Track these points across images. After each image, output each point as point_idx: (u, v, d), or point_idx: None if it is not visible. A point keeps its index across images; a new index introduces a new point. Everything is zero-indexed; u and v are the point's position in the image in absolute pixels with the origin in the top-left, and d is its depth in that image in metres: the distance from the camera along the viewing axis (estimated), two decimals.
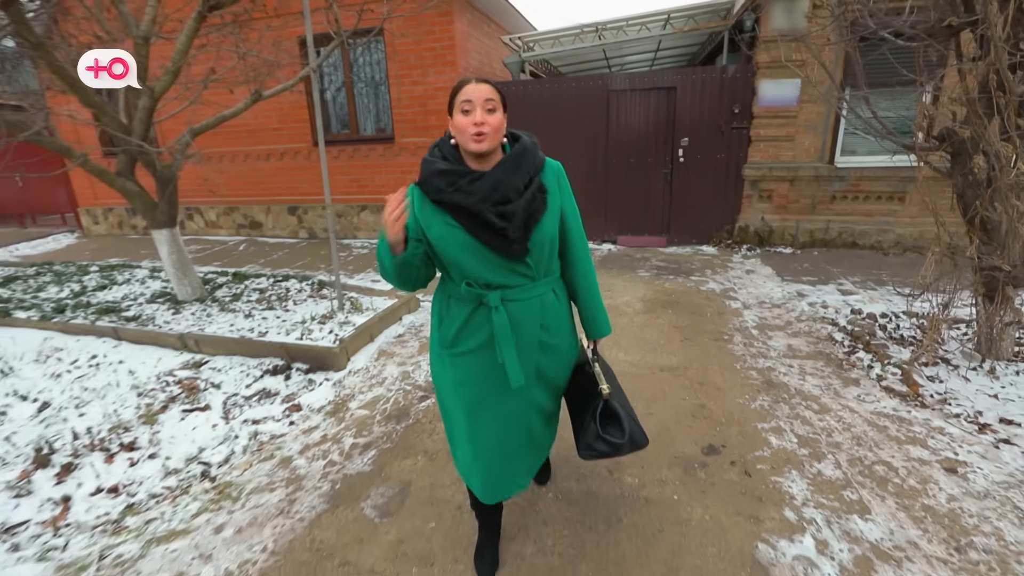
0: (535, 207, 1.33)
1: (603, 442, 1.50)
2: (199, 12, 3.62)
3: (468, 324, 1.43)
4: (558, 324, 1.49)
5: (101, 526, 2.13)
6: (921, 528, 1.86)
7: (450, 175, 1.30)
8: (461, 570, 1.74)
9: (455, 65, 6.14)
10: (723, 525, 1.90)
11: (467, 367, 1.46)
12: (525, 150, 1.35)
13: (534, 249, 1.34)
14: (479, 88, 1.28)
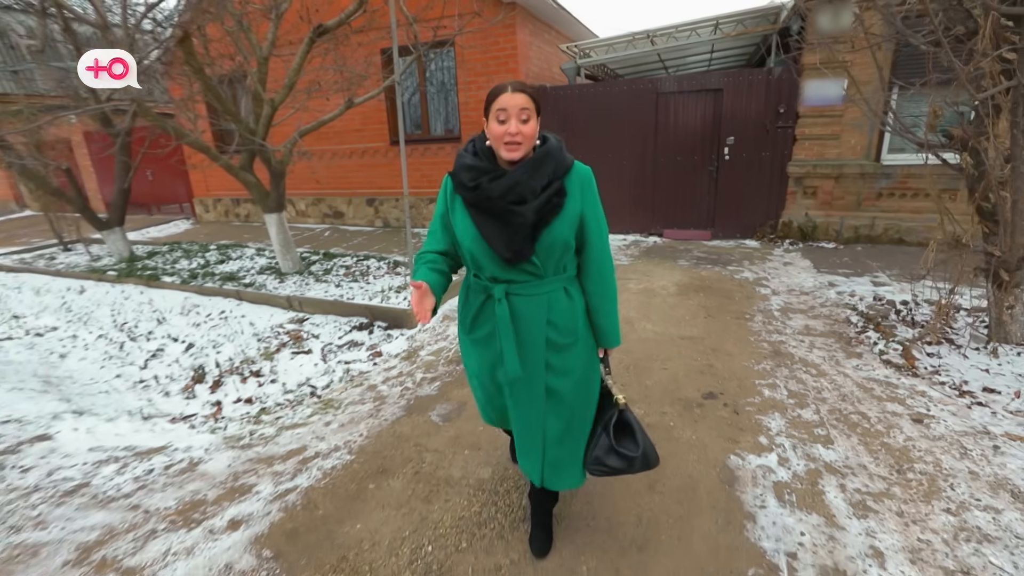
0: (547, 210, 1.35)
1: (616, 456, 1.49)
2: (310, 38, 4.49)
3: (481, 313, 1.50)
4: (569, 323, 1.48)
5: (245, 419, 2.96)
6: (873, 456, 2.28)
7: (474, 170, 1.38)
8: (499, 455, 2.37)
9: (517, 71, 6.79)
10: (705, 443, 2.41)
11: (481, 353, 1.55)
12: (547, 154, 1.38)
13: (542, 250, 1.38)
14: (515, 98, 1.31)
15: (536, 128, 1.35)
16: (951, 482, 2.08)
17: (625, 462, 1.48)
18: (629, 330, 3.83)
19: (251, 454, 2.50)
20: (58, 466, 2.42)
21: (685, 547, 1.81)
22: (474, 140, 1.46)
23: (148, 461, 2.46)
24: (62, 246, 8.14)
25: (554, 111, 6.94)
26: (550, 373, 1.49)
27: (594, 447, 1.52)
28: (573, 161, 1.43)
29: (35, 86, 11.64)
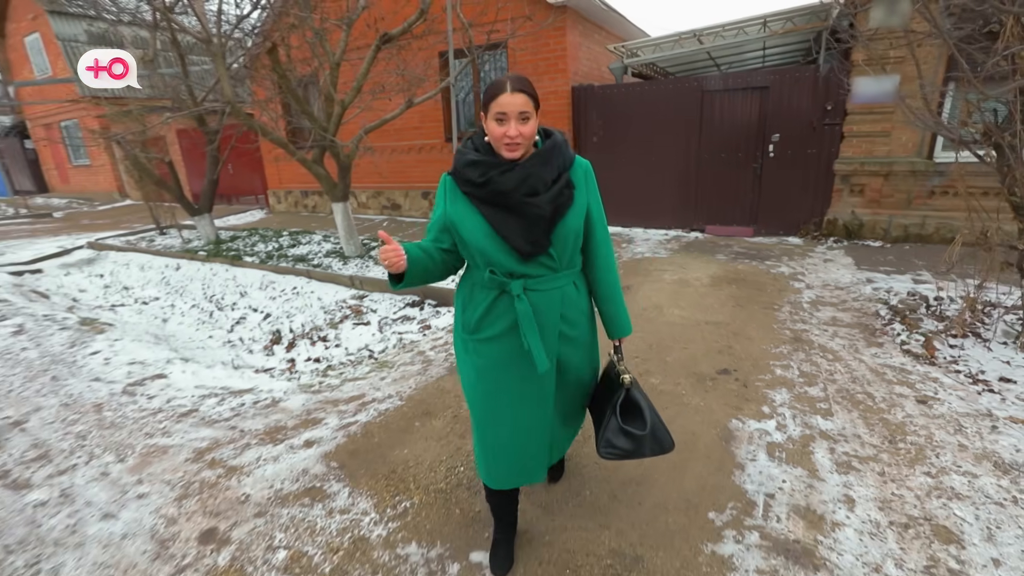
0: (561, 201, 1.36)
1: (624, 436, 1.49)
2: (376, 45, 5.02)
3: (491, 311, 1.44)
4: (577, 316, 1.50)
5: (314, 373, 3.49)
6: (869, 428, 2.47)
7: (481, 165, 1.35)
8: None
9: (566, 72, 7.11)
10: (712, 408, 2.68)
11: (489, 353, 1.47)
12: (556, 146, 1.39)
13: (557, 242, 1.38)
14: (514, 99, 1.29)
15: (535, 127, 1.34)
16: (938, 452, 2.26)
17: (634, 442, 1.48)
18: (657, 314, 4.09)
19: (320, 397, 3.01)
20: (173, 396, 3.02)
21: (677, 484, 2.11)
22: (472, 138, 1.44)
23: (240, 397, 3.02)
24: (159, 230, 9.24)
25: (600, 110, 7.20)
26: (562, 366, 1.52)
27: (605, 429, 1.52)
28: (575, 155, 1.46)
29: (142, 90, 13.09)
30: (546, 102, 7.36)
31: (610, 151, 7.35)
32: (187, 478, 2.25)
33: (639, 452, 1.50)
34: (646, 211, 7.38)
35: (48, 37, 14.92)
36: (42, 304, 5.28)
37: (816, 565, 1.69)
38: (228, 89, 4.98)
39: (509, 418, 1.50)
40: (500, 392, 1.49)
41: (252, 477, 2.23)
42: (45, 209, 14.46)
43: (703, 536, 1.83)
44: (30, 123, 18.52)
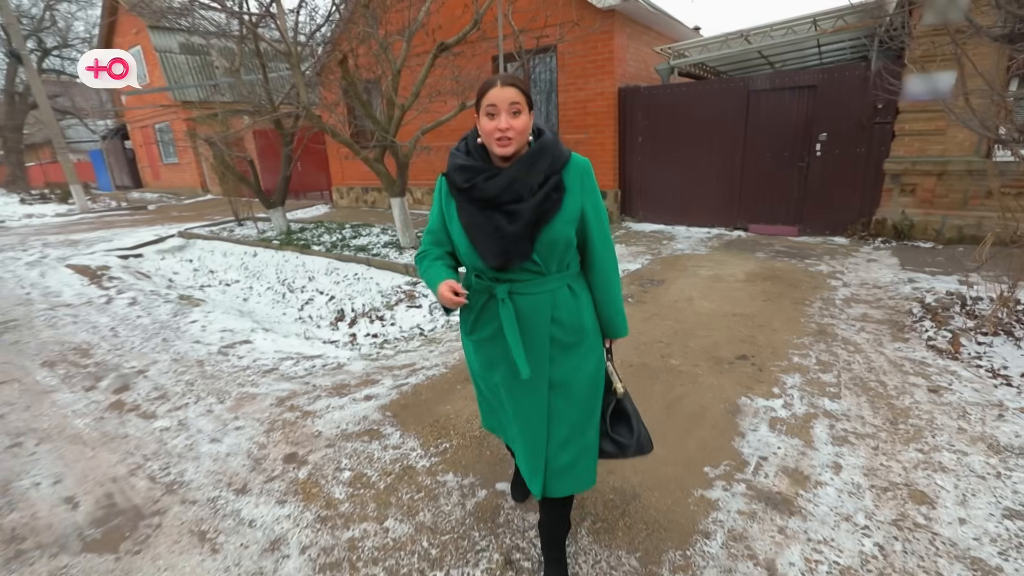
0: (546, 207, 1.33)
1: (610, 442, 1.53)
2: (433, 54, 5.50)
3: (483, 313, 1.45)
4: (575, 321, 1.44)
5: (373, 345, 3.98)
6: (874, 410, 2.64)
7: (468, 171, 1.35)
8: None
9: (612, 74, 7.35)
10: (724, 387, 2.92)
11: (485, 354, 1.50)
12: (542, 149, 1.34)
13: (542, 249, 1.35)
14: (504, 92, 1.28)
15: (528, 122, 1.32)
16: (935, 434, 2.41)
17: (618, 448, 1.54)
18: (687, 306, 4.32)
19: (377, 364, 3.48)
20: (258, 357, 3.59)
21: (680, 445, 2.40)
22: (466, 138, 1.44)
23: (311, 361, 3.55)
24: (237, 221, 10.24)
25: (646, 110, 7.39)
26: (556, 372, 1.44)
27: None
28: (570, 153, 1.41)
29: (226, 95, 14.42)
30: (592, 103, 7.64)
31: (654, 151, 7.52)
32: (272, 417, 2.77)
33: (621, 455, 1.57)
34: (689, 210, 7.49)
35: (148, 49, 16.65)
36: (147, 282, 6.14)
37: (792, 511, 1.94)
38: (304, 95, 5.61)
39: (508, 414, 1.53)
40: (494, 392, 1.55)
41: (323, 419, 2.72)
42: (141, 202, 16.16)
43: (696, 484, 2.12)
44: (129, 126, 20.67)
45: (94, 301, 5.28)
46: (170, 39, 16.23)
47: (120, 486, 2.27)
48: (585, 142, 7.96)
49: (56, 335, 4.30)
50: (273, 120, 7.71)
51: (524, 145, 1.36)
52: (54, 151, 26.98)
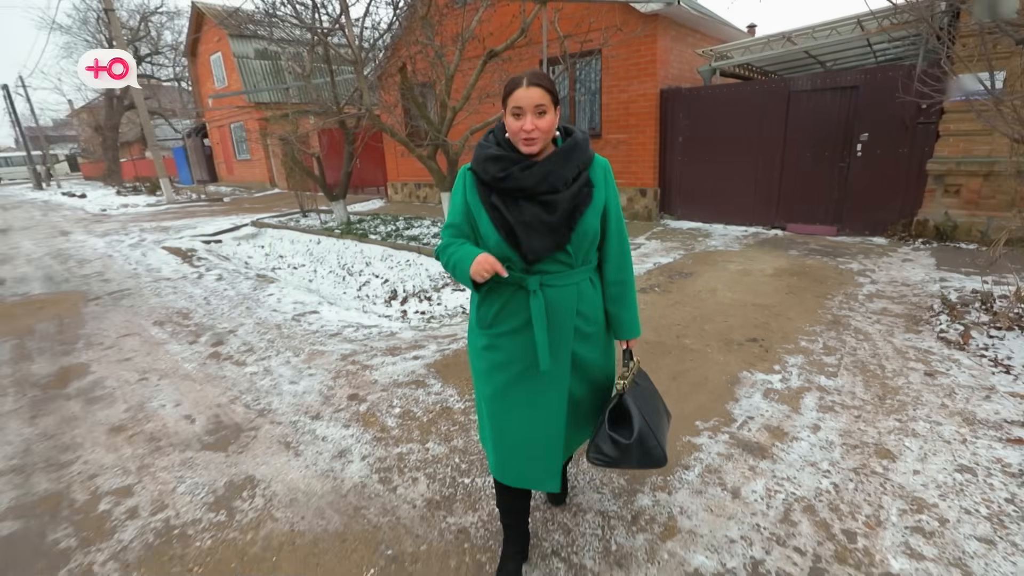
0: (580, 199, 1.38)
1: (610, 442, 1.46)
2: (483, 60, 6.00)
3: (507, 306, 1.45)
4: (594, 312, 1.50)
5: (421, 319, 4.52)
6: (865, 386, 2.90)
7: (503, 161, 1.36)
8: None
9: (655, 76, 7.61)
10: (729, 363, 3.24)
11: (505, 347, 1.48)
12: (576, 144, 1.39)
13: (576, 238, 1.39)
14: (530, 93, 1.30)
15: (554, 121, 1.35)
16: (918, 407, 2.65)
17: (618, 450, 1.45)
18: (710, 296, 4.60)
19: (424, 334, 4.02)
20: (324, 324, 4.22)
21: (679, 406, 2.75)
22: (494, 131, 1.46)
23: (368, 329, 4.13)
24: (302, 213, 11.19)
25: (687, 111, 7.60)
26: (577, 362, 1.49)
27: (596, 433, 1.51)
28: (594, 153, 1.47)
29: (295, 97, 15.60)
30: (635, 104, 7.93)
31: (695, 150, 7.73)
32: (337, 368, 3.35)
33: (625, 461, 1.47)
34: (727, 208, 7.65)
35: (227, 55, 18.20)
36: (228, 263, 7.01)
37: (764, 456, 2.29)
38: (367, 97, 6.26)
39: (524, 413, 1.49)
40: (514, 387, 1.48)
41: (378, 371, 3.26)
42: (217, 195, 17.71)
43: (686, 432, 2.49)
44: (209, 125, 22.57)
45: (188, 276, 6.15)
46: (247, 46, 17.68)
47: (224, 410, 2.90)
48: (627, 141, 8.26)
49: (161, 302, 5.12)
50: (338, 120, 8.48)
51: (549, 144, 1.40)
52: (142, 148, 29.63)
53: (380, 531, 1.94)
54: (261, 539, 1.93)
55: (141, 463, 2.44)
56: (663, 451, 1.47)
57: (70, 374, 3.50)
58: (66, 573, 1.82)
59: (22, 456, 2.56)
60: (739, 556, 1.75)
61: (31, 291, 5.87)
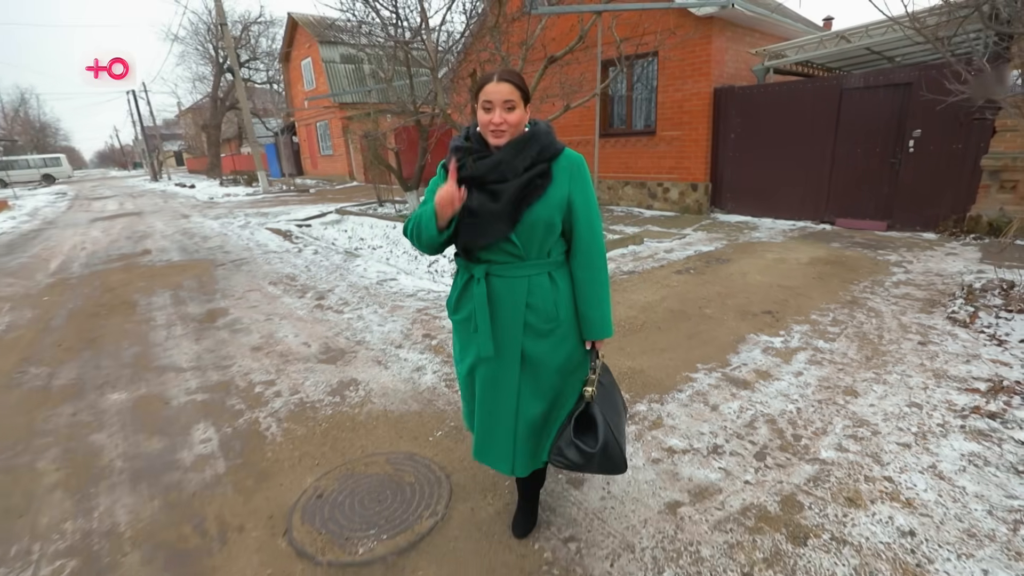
0: (530, 190, 1.39)
1: (574, 448, 1.48)
2: (545, 64, 6.70)
3: (464, 293, 1.53)
4: (550, 309, 1.48)
5: None
6: (858, 351, 3.33)
7: (461, 151, 1.44)
8: None
9: (708, 76, 7.97)
10: (740, 327, 3.76)
11: (464, 332, 1.56)
12: (532, 136, 1.42)
13: (522, 231, 1.41)
14: (499, 88, 1.36)
15: (522, 117, 1.40)
16: (898, 365, 3.08)
17: (583, 457, 1.47)
18: (740, 278, 5.05)
19: None
20: (402, 287, 5.12)
21: (687, 355, 3.34)
22: (468, 127, 1.51)
23: (437, 293, 4.97)
24: (379, 203, 12.41)
25: (739, 109, 7.91)
26: (527, 357, 1.49)
27: (560, 436, 1.53)
28: (563, 148, 1.46)
29: (375, 98, 17.01)
30: (688, 102, 8.33)
31: (746, 146, 8.01)
32: (414, 317, 4.21)
33: (587, 467, 1.49)
34: (776, 203, 7.88)
35: (316, 60, 20.05)
36: (320, 242, 8.19)
37: (746, 387, 2.85)
38: (442, 99, 7.14)
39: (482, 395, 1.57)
40: (476, 369, 1.56)
41: (446, 321, 4.08)
42: (303, 187, 19.60)
43: (685, 370, 3.08)
44: (298, 124, 24.81)
45: (290, 250, 7.35)
46: (334, 51, 19.40)
47: (330, 340, 3.83)
48: (680, 138, 8.66)
49: (271, 268, 6.27)
50: (414, 119, 9.49)
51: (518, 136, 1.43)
52: (238, 144, 32.74)
53: (445, 413, 2.73)
54: (364, 413, 2.78)
55: (278, 368, 3.39)
56: (624, 459, 1.52)
57: (216, 314, 4.61)
58: (243, 421, 2.75)
59: (197, 361, 3.60)
60: (704, 441, 2.37)
61: (172, 258, 7.28)
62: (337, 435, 2.58)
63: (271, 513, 2.05)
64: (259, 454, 2.46)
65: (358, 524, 1.93)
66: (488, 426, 1.58)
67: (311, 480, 2.23)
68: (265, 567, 1.79)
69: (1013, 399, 2.59)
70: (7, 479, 2.39)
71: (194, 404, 2.99)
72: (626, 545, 1.79)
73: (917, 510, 1.88)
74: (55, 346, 4.07)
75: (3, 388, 3.36)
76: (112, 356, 3.79)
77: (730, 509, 1.94)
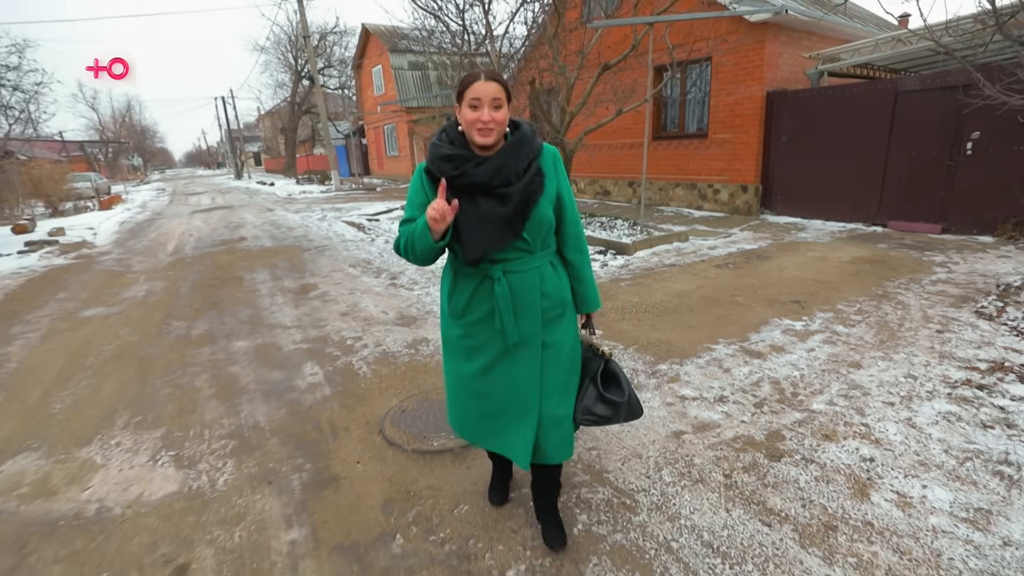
0: (533, 189, 1.47)
1: (603, 404, 1.63)
2: (599, 72, 7.20)
3: (475, 296, 1.57)
4: (558, 294, 1.60)
5: None
6: (874, 336, 3.63)
7: (456, 159, 1.44)
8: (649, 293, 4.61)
9: (761, 80, 8.16)
10: (765, 313, 4.12)
11: (478, 334, 1.60)
12: (524, 137, 1.49)
13: (531, 227, 1.49)
14: (487, 87, 1.39)
15: (507, 116, 1.45)
16: (908, 347, 3.37)
17: (612, 408, 1.62)
18: (777, 272, 5.34)
19: None
20: None
21: (711, 332, 3.76)
22: (445, 129, 1.53)
23: None
24: None
25: (791, 112, 8.05)
26: (547, 337, 1.58)
27: (583, 398, 1.64)
28: (542, 143, 1.56)
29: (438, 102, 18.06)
30: (740, 105, 8.55)
31: (798, 149, 8.14)
32: None
33: (615, 419, 1.65)
34: (827, 205, 7.96)
35: (386, 67, 21.41)
36: (389, 234, 9.08)
37: (759, 358, 3.26)
38: None
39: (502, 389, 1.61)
40: (494, 367, 1.60)
41: None
42: (371, 185, 20.98)
43: (707, 342, 3.53)
44: (366, 127, 26.46)
45: (364, 240, 8.26)
46: (402, 59, 20.67)
47: (404, 310, 4.54)
48: (731, 141, 8.88)
49: (349, 254, 7.16)
50: None
51: (501, 137, 1.48)
52: (311, 146, 35.07)
53: None
54: (434, 361, 3.43)
55: (363, 328, 4.13)
56: (640, 405, 1.71)
57: (308, 288, 5.47)
58: (340, 363, 3.49)
59: (298, 321, 4.42)
60: (713, 393, 2.83)
61: (265, 244, 8.38)
62: (413, 375, 3.25)
63: (368, 420, 2.73)
64: (355, 384, 3.17)
65: (432, 429, 2.57)
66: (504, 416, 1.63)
67: (396, 402, 2.90)
68: (366, 452, 2.46)
69: (1007, 376, 2.87)
70: (177, 391, 3.24)
71: (301, 351, 3.77)
72: (635, 454, 2.32)
73: (881, 445, 2.28)
74: (187, 307, 5.05)
75: (158, 334, 4.32)
76: (231, 316, 4.69)
77: (724, 437, 2.41)
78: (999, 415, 2.48)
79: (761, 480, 2.10)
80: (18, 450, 2.68)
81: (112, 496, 2.26)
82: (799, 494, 2.01)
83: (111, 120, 48.22)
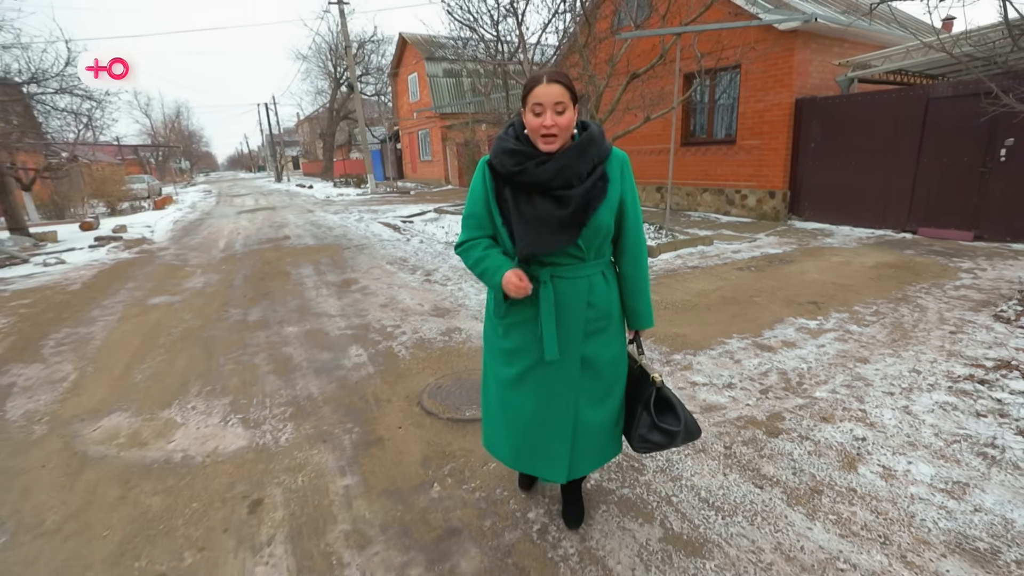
0: (594, 194, 1.41)
1: (659, 432, 1.56)
2: (627, 80, 7.45)
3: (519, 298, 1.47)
4: (606, 305, 1.54)
5: None
6: (887, 335, 3.76)
7: (519, 155, 1.40)
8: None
9: (790, 87, 8.25)
10: (781, 312, 4.29)
11: (517, 336, 1.55)
12: (592, 139, 1.43)
13: (588, 233, 1.43)
14: (549, 90, 1.34)
15: (572, 119, 1.40)
16: (918, 346, 3.51)
17: (668, 437, 1.56)
18: (798, 276, 5.47)
19: None
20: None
21: (727, 328, 3.97)
22: (513, 124, 1.49)
23: None
24: None
25: (820, 118, 8.10)
26: (586, 351, 1.53)
27: (637, 426, 1.59)
28: (611, 146, 1.49)
29: (471, 109, 18.57)
30: (769, 112, 8.64)
31: (826, 155, 8.18)
32: None
33: (673, 443, 1.58)
34: (856, 211, 7.96)
35: (421, 74, 22.09)
36: (423, 235, 9.52)
37: (770, 352, 3.46)
38: None
39: (536, 401, 1.56)
40: (529, 374, 1.56)
41: None
42: (404, 189, 21.65)
43: (721, 337, 3.74)
44: (401, 132, 27.27)
45: (399, 240, 8.71)
46: (437, 67, 21.31)
47: (439, 303, 4.90)
48: (759, 147, 8.96)
49: (386, 252, 7.60)
50: None
51: (568, 140, 1.43)
52: (347, 150, 36.22)
53: None
54: (466, 347, 3.76)
55: (401, 318, 4.51)
56: (699, 426, 1.64)
57: (349, 283, 5.90)
58: (382, 346, 3.86)
59: (342, 311, 4.83)
60: (722, 380, 3.06)
61: (307, 243, 8.93)
62: (447, 359, 3.58)
63: (407, 394, 3.08)
64: (395, 364, 3.53)
65: (465, 402, 2.89)
66: (539, 434, 1.59)
67: (432, 380, 3.24)
68: (407, 419, 2.80)
69: (1012, 373, 2.99)
70: (239, 367, 3.66)
71: (346, 336, 4.16)
72: None
73: (875, 427, 2.48)
74: (242, 297, 5.54)
75: (218, 320, 4.80)
76: (282, 305, 5.15)
77: (728, 417, 2.65)
78: (994, 406, 2.63)
79: (758, 452, 2.33)
80: (111, 410, 3.13)
81: (193, 448, 2.66)
82: (792, 465, 2.24)
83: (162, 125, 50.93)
